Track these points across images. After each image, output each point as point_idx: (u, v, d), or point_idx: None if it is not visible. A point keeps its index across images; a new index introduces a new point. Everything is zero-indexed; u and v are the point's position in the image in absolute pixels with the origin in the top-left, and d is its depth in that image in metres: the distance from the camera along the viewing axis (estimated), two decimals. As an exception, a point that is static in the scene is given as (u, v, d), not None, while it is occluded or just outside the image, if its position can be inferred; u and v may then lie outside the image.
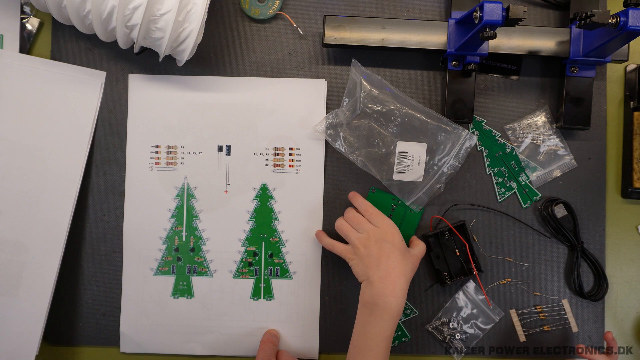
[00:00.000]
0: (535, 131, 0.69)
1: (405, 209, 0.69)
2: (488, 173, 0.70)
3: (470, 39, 0.60)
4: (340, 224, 0.64)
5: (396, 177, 0.67)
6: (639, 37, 0.57)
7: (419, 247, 0.64)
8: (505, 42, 0.65)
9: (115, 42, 0.64)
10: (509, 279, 0.69)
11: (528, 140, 0.69)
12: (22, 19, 0.67)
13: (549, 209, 0.68)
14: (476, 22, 0.57)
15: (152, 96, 0.68)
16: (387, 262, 0.60)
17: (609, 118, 0.70)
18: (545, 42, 0.66)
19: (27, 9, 0.67)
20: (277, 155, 0.68)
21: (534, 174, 0.69)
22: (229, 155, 0.68)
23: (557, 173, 0.69)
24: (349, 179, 0.69)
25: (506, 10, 0.55)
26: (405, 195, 0.68)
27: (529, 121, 0.69)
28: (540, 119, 0.69)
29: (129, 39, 0.62)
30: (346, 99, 0.66)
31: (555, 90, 0.70)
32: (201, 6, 0.58)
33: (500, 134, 0.69)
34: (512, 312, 0.69)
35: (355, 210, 0.65)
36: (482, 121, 0.69)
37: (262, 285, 0.68)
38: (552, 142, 0.69)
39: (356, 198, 0.66)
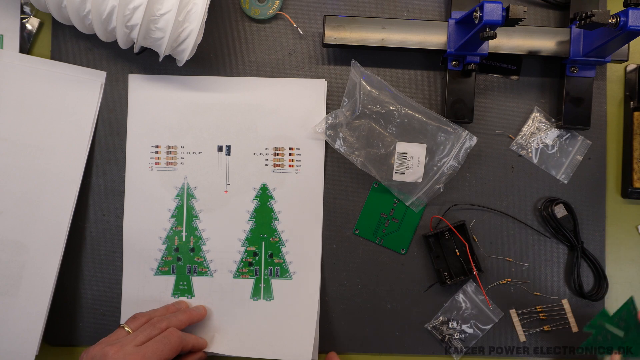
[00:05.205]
0: (539, 134, 0.69)
1: (405, 208, 0.69)
2: (488, 173, 0.70)
3: (470, 39, 0.60)
4: None
5: (395, 177, 0.67)
6: (639, 37, 0.57)
7: None
8: (505, 42, 0.65)
9: (115, 42, 0.64)
10: (509, 279, 0.69)
11: (537, 146, 0.69)
12: (22, 19, 0.67)
13: (549, 209, 0.68)
14: (476, 22, 0.57)
15: (152, 96, 0.68)
16: None
17: (609, 118, 0.70)
18: (545, 42, 0.66)
19: (27, 9, 0.67)
20: (277, 155, 0.68)
21: (561, 171, 0.69)
22: (229, 155, 0.68)
23: (579, 158, 0.69)
24: (349, 179, 0.69)
25: (506, 10, 0.55)
26: (404, 196, 0.68)
27: (529, 129, 0.69)
28: (538, 118, 0.69)
29: (129, 39, 0.62)
30: (346, 100, 0.66)
31: (555, 90, 0.70)
32: (201, 6, 0.58)
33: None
34: (512, 312, 0.69)
35: None
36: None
37: (262, 285, 0.68)
38: (558, 134, 0.69)
39: None
